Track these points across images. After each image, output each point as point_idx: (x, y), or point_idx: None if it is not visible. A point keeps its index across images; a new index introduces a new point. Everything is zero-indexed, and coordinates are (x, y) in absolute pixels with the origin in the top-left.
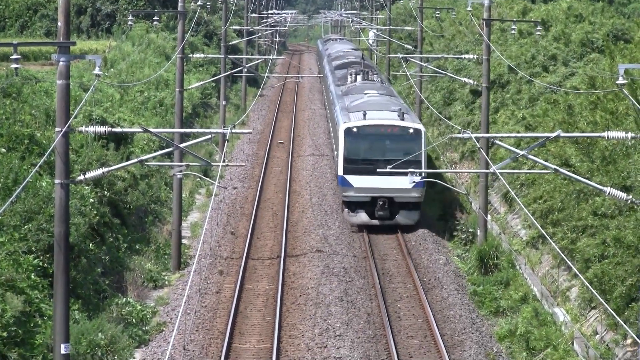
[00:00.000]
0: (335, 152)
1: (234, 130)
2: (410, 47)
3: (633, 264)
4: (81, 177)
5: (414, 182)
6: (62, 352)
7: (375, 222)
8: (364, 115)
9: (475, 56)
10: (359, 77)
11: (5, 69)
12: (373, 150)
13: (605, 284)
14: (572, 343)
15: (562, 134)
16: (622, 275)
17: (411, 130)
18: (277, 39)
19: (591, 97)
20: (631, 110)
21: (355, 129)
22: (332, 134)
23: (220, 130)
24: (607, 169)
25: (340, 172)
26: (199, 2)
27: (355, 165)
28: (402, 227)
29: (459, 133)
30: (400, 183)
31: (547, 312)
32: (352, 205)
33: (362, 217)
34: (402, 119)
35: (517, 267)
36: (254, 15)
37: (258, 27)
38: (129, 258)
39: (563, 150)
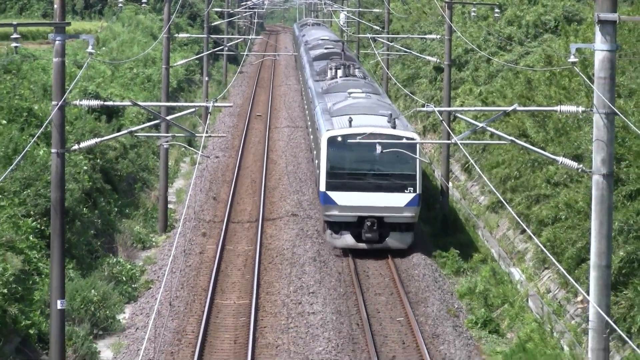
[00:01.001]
0: (317, 163)
1: (216, 104)
2: (378, 28)
3: (583, 227)
4: (75, 147)
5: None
6: (58, 307)
7: (363, 245)
8: (350, 121)
9: (438, 36)
10: (340, 72)
11: (5, 48)
12: (360, 162)
13: (558, 246)
14: (527, 300)
15: (519, 108)
16: (572, 238)
17: (404, 140)
18: (255, 21)
19: (546, 74)
20: (582, 85)
21: (339, 139)
22: (311, 139)
23: (204, 104)
24: (560, 140)
25: (322, 187)
26: None
27: (340, 180)
28: (393, 251)
29: (423, 107)
30: (391, 201)
31: (504, 271)
32: (336, 226)
33: (347, 239)
34: (394, 126)
35: (477, 230)
36: None
37: (238, 10)
38: (119, 221)
39: (521, 121)
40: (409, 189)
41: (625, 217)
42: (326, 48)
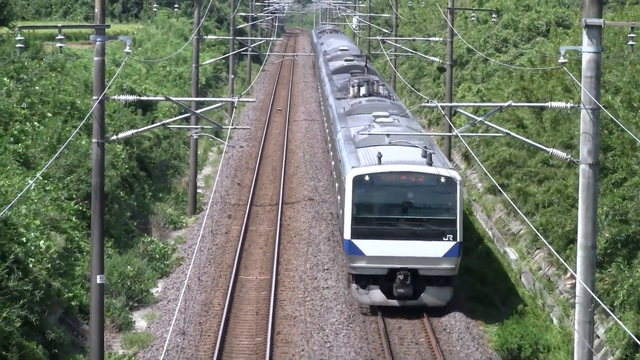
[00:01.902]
0: (339, 201)
1: (240, 99)
2: (386, 31)
3: (571, 212)
4: (114, 137)
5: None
6: (98, 281)
7: (394, 302)
8: (379, 157)
9: (441, 39)
10: (363, 89)
11: (51, 47)
12: (391, 205)
13: (549, 230)
14: (520, 277)
15: (513, 104)
16: (562, 222)
17: (443, 180)
18: (276, 24)
19: (539, 73)
20: (572, 84)
21: (367, 178)
22: (332, 167)
23: (229, 99)
24: (554, 130)
25: (347, 234)
26: None
27: (368, 226)
28: (430, 309)
29: (427, 102)
30: (427, 250)
31: (500, 251)
32: (363, 280)
33: (376, 295)
34: (430, 163)
35: (475, 213)
36: (257, 3)
37: (261, 14)
38: (153, 204)
39: (518, 114)
40: (448, 236)
41: (612, 202)
42: (346, 60)
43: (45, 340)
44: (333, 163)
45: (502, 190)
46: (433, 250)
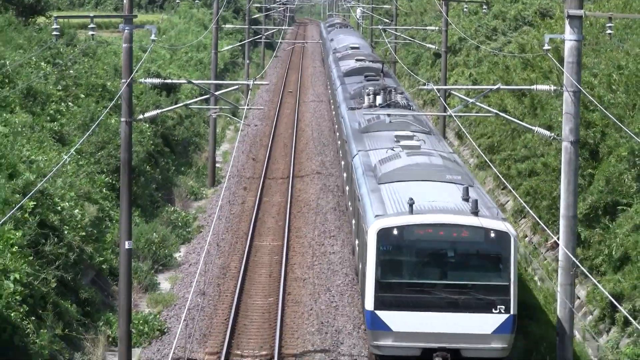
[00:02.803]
0: (359, 258)
1: (255, 82)
2: (387, 20)
3: (554, 184)
4: (141, 117)
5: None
6: (126, 247)
7: None
8: (410, 203)
9: (437, 28)
10: (379, 98)
11: (84, 35)
12: (426, 267)
13: (533, 202)
14: None
15: (502, 87)
16: (545, 194)
17: (493, 235)
18: (287, 14)
19: (525, 60)
20: (554, 69)
21: (396, 232)
22: (347, 197)
23: (245, 82)
24: (535, 113)
25: (370, 304)
26: None
27: (396, 293)
28: None
29: (424, 85)
30: (472, 325)
31: None
32: None
33: None
34: (476, 211)
35: None
36: None
37: (273, 5)
38: (176, 177)
39: (501, 99)
40: (499, 307)
41: (602, 172)
42: (357, 60)
43: (78, 299)
44: (347, 188)
45: (491, 165)
46: (480, 326)
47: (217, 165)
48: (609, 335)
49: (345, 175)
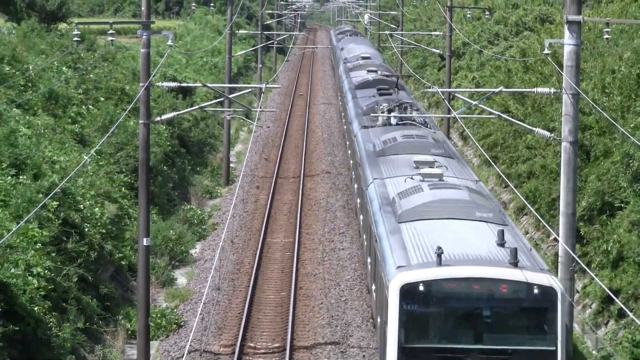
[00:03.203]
0: (377, 312)
1: (267, 86)
2: (394, 26)
3: (553, 184)
4: (158, 119)
5: None
6: (144, 244)
7: None
8: (439, 253)
9: (441, 33)
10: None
11: (104, 41)
12: (458, 330)
13: (534, 199)
14: None
15: (504, 89)
16: (546, 192)
17: (536, 291)
18: (298, 20)
19: (526, 63)
20: (554, 72)
21: (422, 287)
22: (360, 225)
23: (258, 86)
24: (536, 114)
25: None
26: None
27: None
28: None
29: (429, 88)
30: None
31: None
32: None
33: None
34: (516, 261)
35: None
36: (282, 2)
37: (285, 12)
38: (191, 176)
39: (505, 100)
40: None
41: (591, 177)
42: (369, 71)
43: (98, 294)
44: (361, 218)
45: (493, 164)
46: None
47: (231, 165)
48: (607, 327)
49: (358, 201)
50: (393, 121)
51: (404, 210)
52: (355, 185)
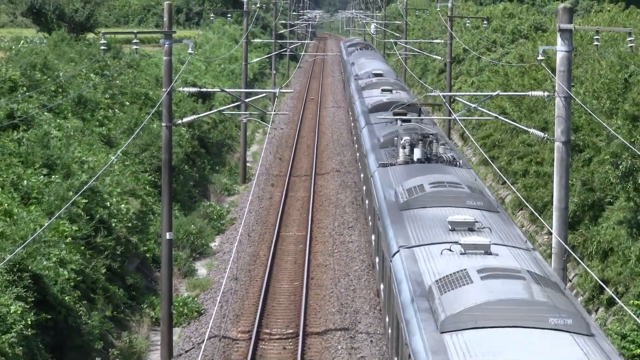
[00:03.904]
0: None
1: (281, 90)
2: (398, 35)
3: (547, 180)
4: (179, 122)
5: None
6: (167, 237)
7: None
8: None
9: (442, 41)
10: (418, 152)
11: (129, 49)
12: None
13: (530, 196)
14: None
15: (501, 93)
16: (540, 188)
17: None
18: (309, 30)
19: (521, 69)
20: (548, 77)
21: None
22: (384, 305)
23: (272, 90)
24: (531, 116)
25: None
26: (258, 4)
27: None
28: None
29: (431, 92)
30: None
31: None
32: None
33: None
34: None
35: None
36: (294, 13)
37: (297, 22)
38: (211, 175)
39: (502, 103)
40: None
41: (582, 175)
42: (384, 90)
43: (125, 284)
44: (385, 303)
45: (491, 163)
46: None
47: (248, 164)
48: (597, 314)
49: (378, 268)
50: (417, 154)
51: (449, 316)
52: (373, 238)
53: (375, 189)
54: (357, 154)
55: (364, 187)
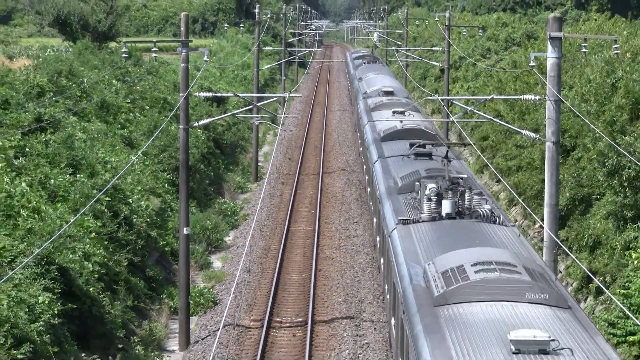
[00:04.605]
0: None
1: (290, 95)
2: (399, 42)
3: (538, 177)
4: (196, 124)
5: None
6: (185, 232)
7: None
8: None
9: (441, 48)
10: (447, 205)
11: (148, 57)
12: None
13: (522, 192)
14: None
15: (495, 97)
16: (532, 184)
17: None
18: (316, 38)
19: (514, 74)
20: (539, 82)
21: None
22: None
23: (282, 95)
24: (524, 118)
25: None
26: (269, 15)
27: None
28: None
29: (430, 96)
30: None
31: None
32: None
33: None
34: None
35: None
36: (302, 23)
37: (305, 31)
38: (225, 174)
39: (497, 106)
40: None
41: (572, 172)
42: (396, 113)
43: (145, 277)
44: None
45: (489, 165)
46: None
47: (260, 164)
48: (586, 303)
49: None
50: (446, 208)
51: None
52: (393, 333)
53: (397, 262)
54: (368, 193)
55: (378, 243)
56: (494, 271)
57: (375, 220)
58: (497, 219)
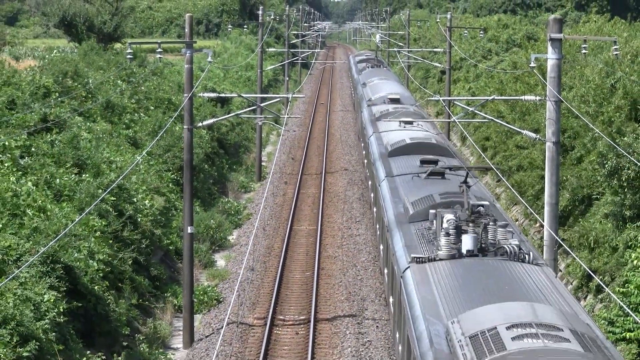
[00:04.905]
0: None
1: (293, 95)
2: (401, 44)
3: (538, 174)
4: (200, 124)
5: None
6: (189, 231)
7: None
8: None
9: (442, 49)
10: (469, 241)
11: (153, 58)
12: None
13: (523, 191)
14: None
15: (496, 98)
16: (532, 182)
17: None
18: (319, 39)
19: (515, 75)
20: (539, 83)
21: None
22: None
23: (285, 95)
24: (524, 118)
25: None
26: (272, 16)
27: None
28: None
29: (432, 97)
30: None
31: None
32: None
33: None
34: None
35: None
36: (305, 24)
37: (308, 32)
38: (229, 174)
39: (498, 106)
40: None
41: (572, 173)
42: (403, 122)
43: (149, 275)
44: None
45: (489, 163)
46: None
47: (263, 163)
48: (585, 301)
49: None
50: (468, 244)
51: None
52: None
53: (412, 315)
54: (374, 213)
55: (387, 277)
56: (536, 337)
57: (382, 247)
58: (527, 256)
